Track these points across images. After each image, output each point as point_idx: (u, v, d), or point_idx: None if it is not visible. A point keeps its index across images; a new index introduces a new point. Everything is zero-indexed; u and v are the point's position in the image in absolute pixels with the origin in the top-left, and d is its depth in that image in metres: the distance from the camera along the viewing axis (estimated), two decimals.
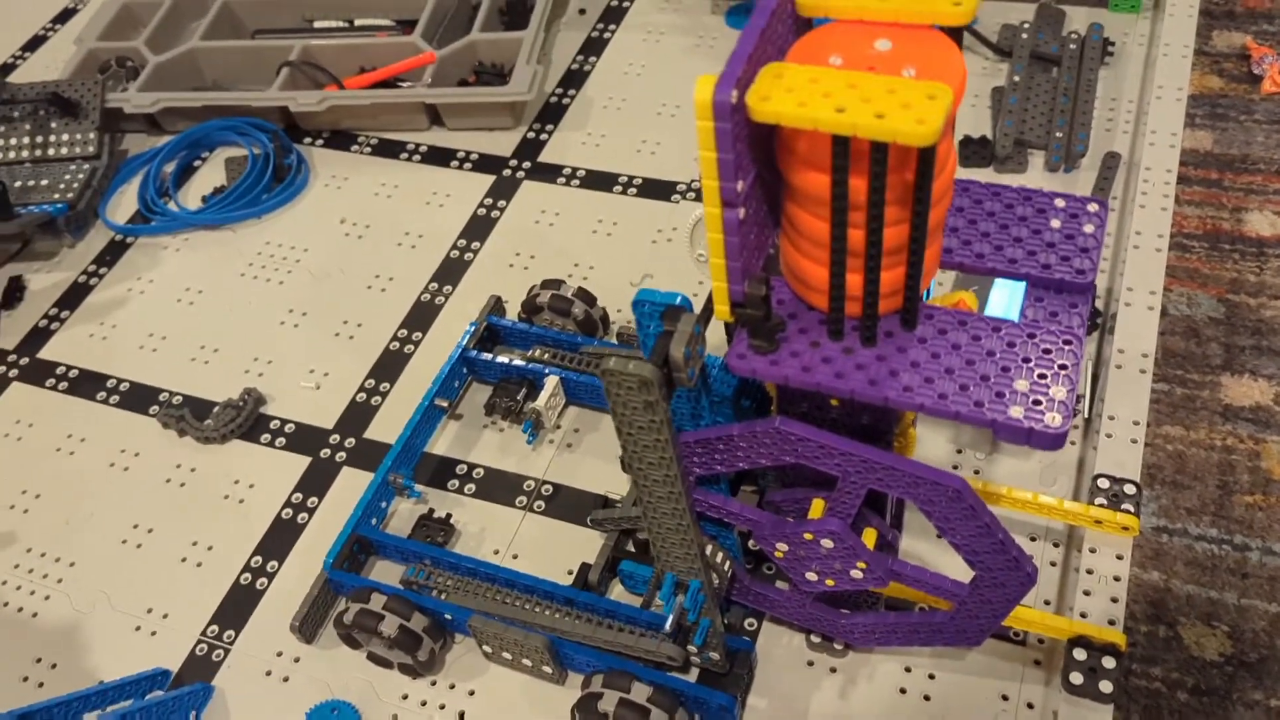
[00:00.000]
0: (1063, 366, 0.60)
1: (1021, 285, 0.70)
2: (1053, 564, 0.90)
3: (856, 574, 0.73)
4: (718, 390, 0.73)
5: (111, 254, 1.31)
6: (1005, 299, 0.96)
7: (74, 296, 1.27)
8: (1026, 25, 1.31)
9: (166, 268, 1.28)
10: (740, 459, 0.70)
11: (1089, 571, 0.83)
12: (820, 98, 0.51)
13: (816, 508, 0.73)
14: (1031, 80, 1.27)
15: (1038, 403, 0.58)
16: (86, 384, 1.17)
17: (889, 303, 0.62)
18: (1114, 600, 0.81)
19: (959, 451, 0.98)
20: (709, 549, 0.77)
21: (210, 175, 1.38)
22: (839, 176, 0.53)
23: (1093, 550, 0.84)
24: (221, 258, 1.28)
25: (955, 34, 0.57)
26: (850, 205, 0.55)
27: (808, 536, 0.72)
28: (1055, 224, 0.67)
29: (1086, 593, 0.82)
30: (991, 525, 0.66)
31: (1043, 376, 0.59)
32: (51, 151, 1.34)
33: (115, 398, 1.15)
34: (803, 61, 0.55)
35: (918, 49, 0.54)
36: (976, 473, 0.96)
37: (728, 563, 0.79)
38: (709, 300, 0.66)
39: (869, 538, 0.74)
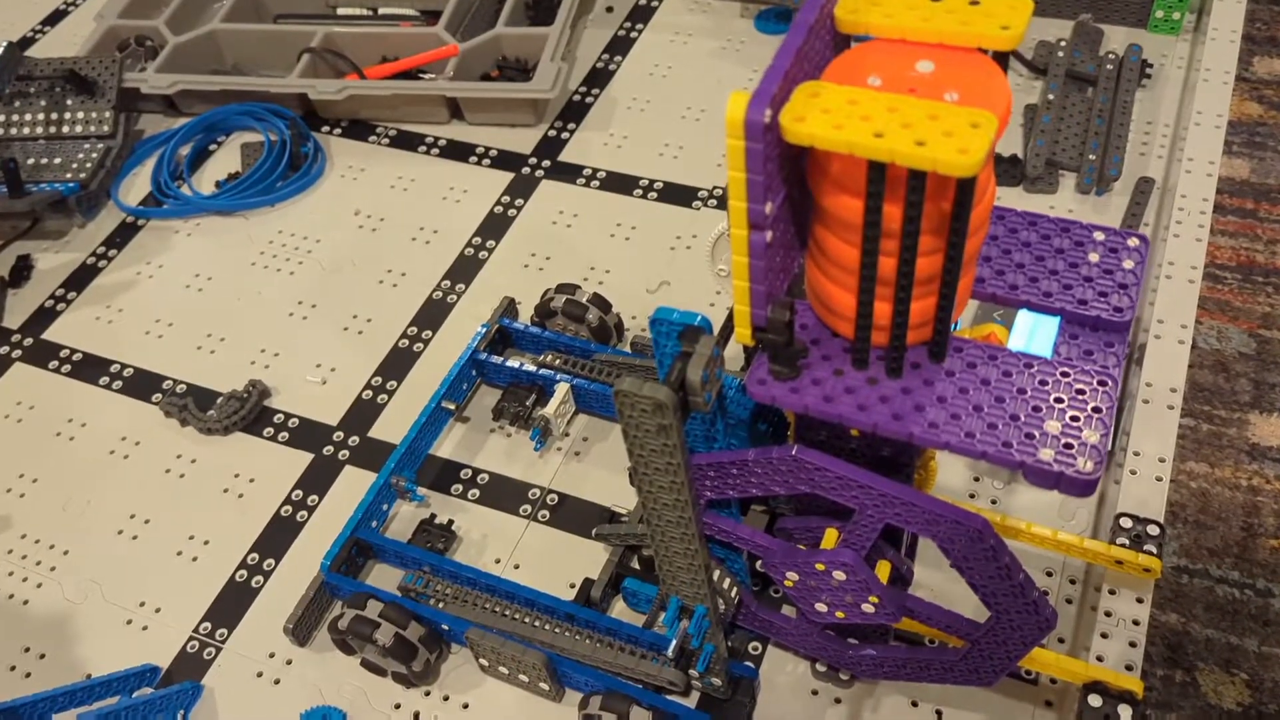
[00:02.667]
0: (1096, 409, 0.57)
1: (1048, 319, 0.68)
2: (1069, 601, 0.87)
3: (868, 608, 0.71)
4: (734, 413, 0.71)
5: (122, 236, 1.29)
6: (1028, 330, 0.93)
7: (82, 278, 1.25)
8: (1063, 43, 1.28)
9: (176, 252, 1.26)
10: (754, 485, 0.67)
11: (1107, 614, 0.80)
12: (858, 121, 0.49)
13: (830, 538, 0.71)
14: (1066, 99, 1.24)
15: (1069, 446, 0.56)
16: (90, 368, 1.15)
17: (917, 333, 0.59)
18: (1132, 645, 0.78)
19: (976, 480, 0.95)
20: (716, 574, 0.75)
21: (225, 160, 1.36)
22: (873, 203, 0.51)
23: (1112, 591, 0.81)
24: (232, 245, 1.26)
25: (1001, 59, 0.54)
26: (883, 233, 0.53)
27: (819, 567, 0.69)
28: (1094, 258, 0.64)
29: (1104, 635, 0.79)
30: (1012, 568, 0.63)
31: (1075, 418, 0.57)
32: (66, 129, 1.32)
33: (118, 383, 1.13)
34: (840, 80, 0.52)
35: (961, 72, 0.52)
36: (994, 503, 0.94)
37: (735, 589, 0.77)
38: (728, 319, 0.63)
39: (882, 571, 0.72)
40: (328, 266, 1.22)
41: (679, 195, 1.24)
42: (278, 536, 0.99)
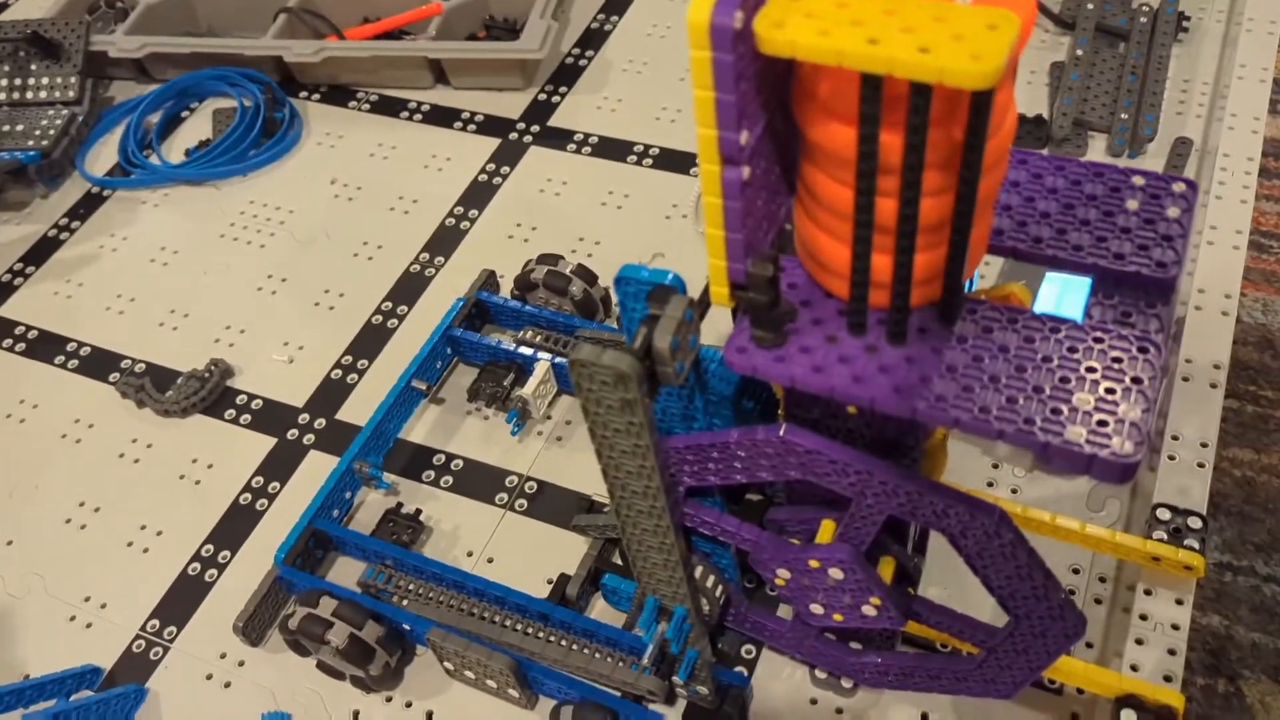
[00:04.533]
0: (1136, 380, 0.48)
1: (1078, 281, 0.59)
2: (1098, 601, 0.79)
3: (869, 610, 0.63)
4: (716, 388, 0.63)
5: (86, 207, 1.21)
6: (1056, 295, 0.84)
7: (42, 251, 1.18)
8: None
9: (142, 224, 1.19)
10: (738, 471, 0.59)
11: (1143, 617, 0.71)
12: (848, 25, 0.40)
13: (826, 530, 0.62)
14: (1096, 56, 1.14)
15: (1103, 424, 0.47)
16: (45, 346, 1.08)
17: (923, 292, 0.51)
18: (1171, 653, 0.70)
19: (995, 467, 0.86)
20: (699, 571, 0.66)
21: (198, 128, 1.28)
22: (868, 130, 0.42)
23: (1148, 592, 0.72)
24: (201, 216, 1.18)
25: None
26: (881, 168, 0.44)
27: (813, 564, 0.61)
28: (1132, 205, 0.55)
29: (1139, 641, 0.70)
30: (1033, 566, 0.55)
31: (1111, 391, 0.48)
32: (30, 95, 1.25)
33: (74, 362, 1.06)
34: None
35: None
36: (1014, 492, 0.85)
37: (720, 586, 0.68)
38: (707, 285, 0.55)
39: (885, 569, 0.63)
40: (300, 238, 1.14)
41: (676, 162, 1.16)
42: (235, 526, 0.91)
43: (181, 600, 0.87)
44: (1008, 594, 0.57)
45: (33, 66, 1.26)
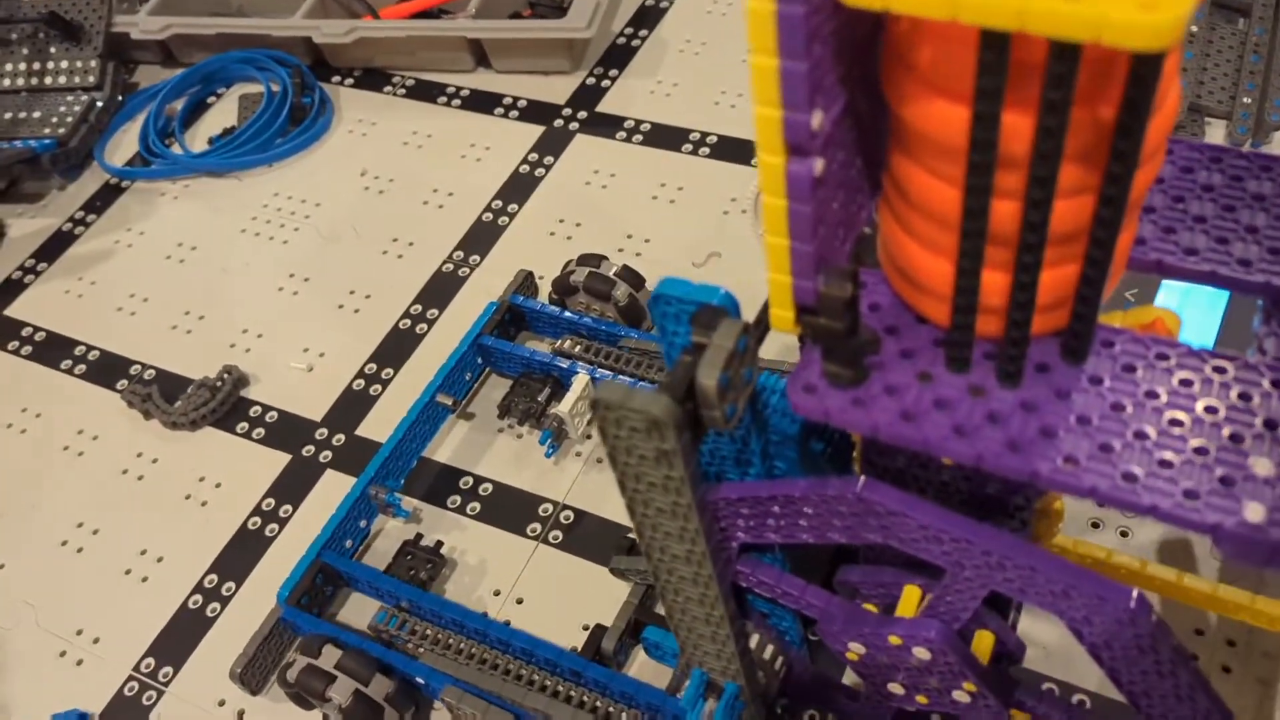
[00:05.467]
0: None
1: (1214, 293, 0.47)
2: (1226, 670, 0.66)
3: (961, 696, 0.52)
4: (777, 425, 0.52)
5: (103, 199, 1.14)
6: (1176, 302, 0.72)
7: (55, 246, 1.10)
8: None
9: (161, 218, 1.11)
10: (804, 530, 0.48)
11: None
12: None
13: (909, 598, 0.51)
14: (1212, 33, 1.01)
15: None
16: (52, 349, 1.01)
17: (1046, 319, 0.40)
18: None
19: (1101, 505, 0.74)
20: (754, 640, 0.56)
21: (223, 115, 1.21)
22: (987, 109, 0.31)
23: None
24: (222, 209, 1.10)
25: None
26: (1001, 160, 0.33)
27: (895, 641, 0.50)
28: None
29: None
30: (1177, 664, 0.43)
31: None
32: (49, 80, 1.18)
33: (81, 367, 0.98)
34: None
35: None
36: (1124, 535, 0.73)
37: (779, 658, 0.58)
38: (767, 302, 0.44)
39: (981, 645, 0.52)
40: (326, 234, 1.06)
41: (737, 151, 1.04)
42: (242, 554, 0.83)
43: (180, 637, 0.79)
44: (1140, 691, 0.46)
45: (51, 49, 1.19)
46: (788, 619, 0.61)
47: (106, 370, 0.98)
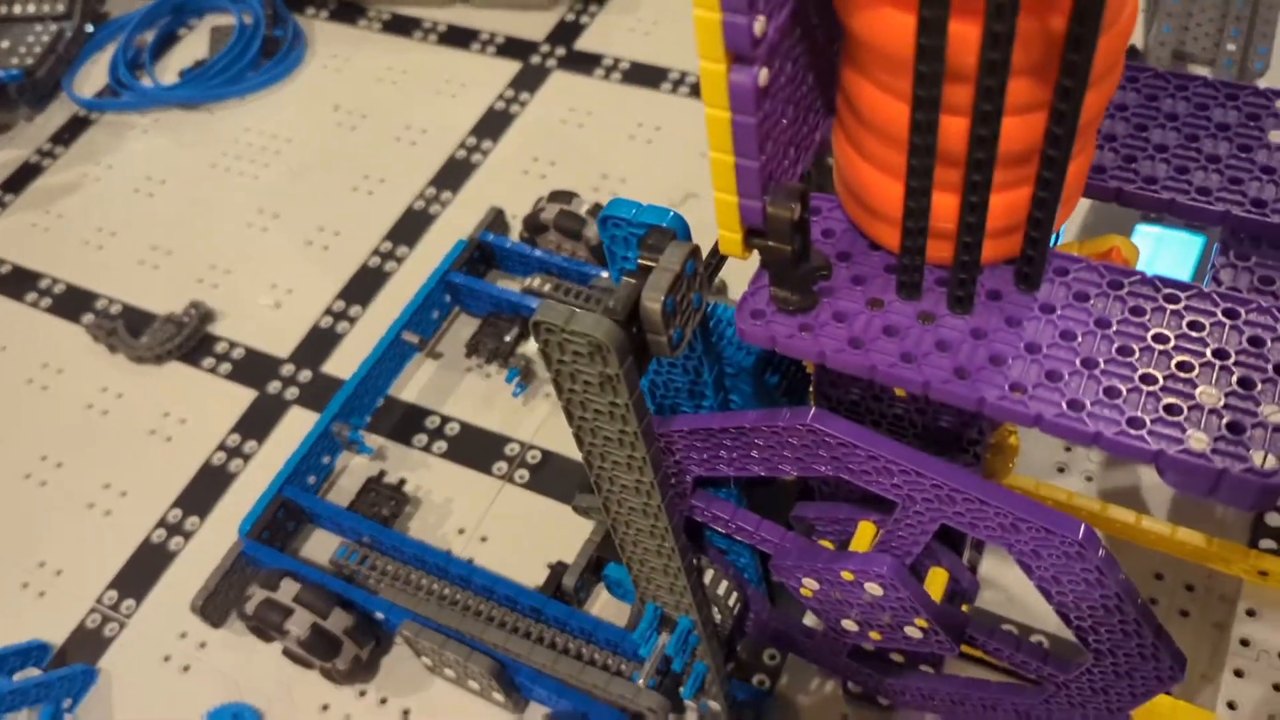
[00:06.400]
0: None
1: (1189, 239, 0.46)
2: (1183, 614, 0.67)
3: (913, 632, 0.51)
4: (732, 357, 0.51)
5: (71, 131, 1.12)
6: (1148, 257, 0.71)
7: (22, 178, 1.09)
8: None
9: (130, 151, 1.09)
10: (755, 461, 0.48)
11: (1244, 643, 0.59)
12: None
13: (863, 535, 0.51)
14: None
15: (1236, 427, 0.35)
16: (17, 282, 0.99)
17: (998, 245, 0.39)
18: (1277, 689, 0.58)
19: (1066, 449, 0.74)
20: (709, 576, 0.56)
21: (194, 47, 1.18)
22: (932, 12, 0.30)
23: (1251, 613, 0.60)
24: (193, 143, 1.08)
25: None
26: (949, 72, 0.32)
27: (847, 576, 0.50)
28: (1276, 138, 0.42)
29: (1239, 674, 0.58)
30: (1124, 599, 0.43)
31: (1247, 384, 0.36)
32: (17, 9, 1.15)
33: (47, 300, 0.97)
34: None
35: None
36: (1089, 480, 0.73)
37: (735, 593, 0.57)
38: None
39: (935, 583, 0.52)
40: (296, 169, 1.04)
41: None
42: (206, 489, 0.82)
43: (142, 571, 0.79)
44: (1088, 627, 0.46)
45: None
46: (745, 556, 0.60)
47: (72, 304, 0.96)
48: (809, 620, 0.66)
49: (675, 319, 0.39)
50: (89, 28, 1.18)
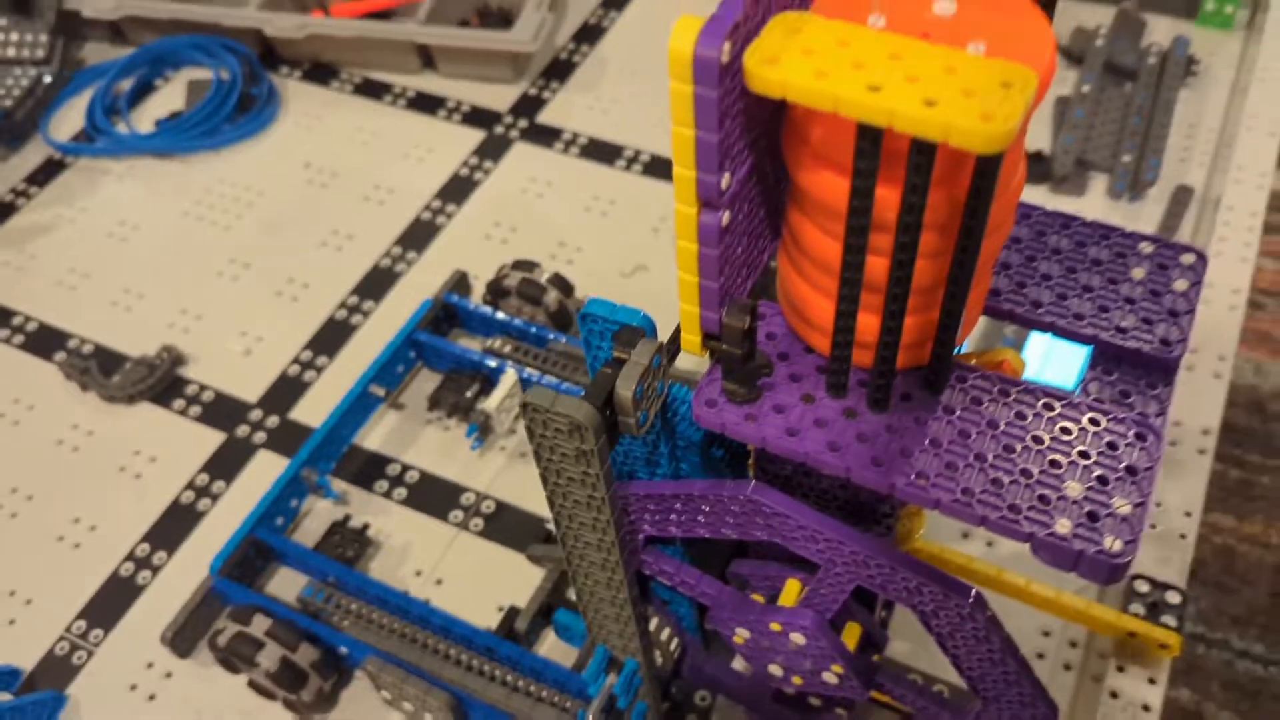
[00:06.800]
0: (1131, 470, 0.45)
1: (1074, 349, 0.55)
2: (1067, 668, 0.75)
3: (830, 678, 0.59)
4: (683, 432, 0.59)
5: (46, 174, 1.16)
6: (1043, 355, 0.81)
7: None
8: (1103, 31, 1.15)
9: (103, 196, 1.14)
10: (701, 525, 0.55)
11: (1114, 695, 0.68)
12: (849, 69, 0.36)
13: (790, 591, 0.58)
14: (1102, 94, 1.11)
15: (1093, 517, 0.43)
16: None
17: (911, 355, 0.47)
18: None
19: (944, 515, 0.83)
20: (653, 623, 0.63)
21: (170, 98, 1.23)
22: (862, 183, 0.38)
23: (1121, 669, 0.69)
24: (166, 191, 1.13)
25: (1047, 5, 0.41)
26: (874, 224, 0.40)
27: (775, 627, 0.57)
28: (1138, 274, 0.52)
29: None
30: (1005, 653, 0.51)
31: (1104, 481, 0.44)
32: None
33: (19, 338, 1.01)
34: (832, 12, 0.39)
35: (992, 17, 0.39)
36: (990, 545, 0.81)
37: (675, 640, 0.64)
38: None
39: (850, 635, 0.60)
40: (267, 222, 1.09)
41: (668, 170, 1.11)
42: (174, 526, 0.87)
43: (111, 602, 0.83)
44: (977, 676, 0.54)
45: (2, 21, 1.20)
46: (685, 606, 0.68)
47: (44, 342, 1.00)
48: (738, 665, 0.73)
49: (642, 403, 0.47)
50: (66, 74, 1.23)
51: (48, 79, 1.19)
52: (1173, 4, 1.20)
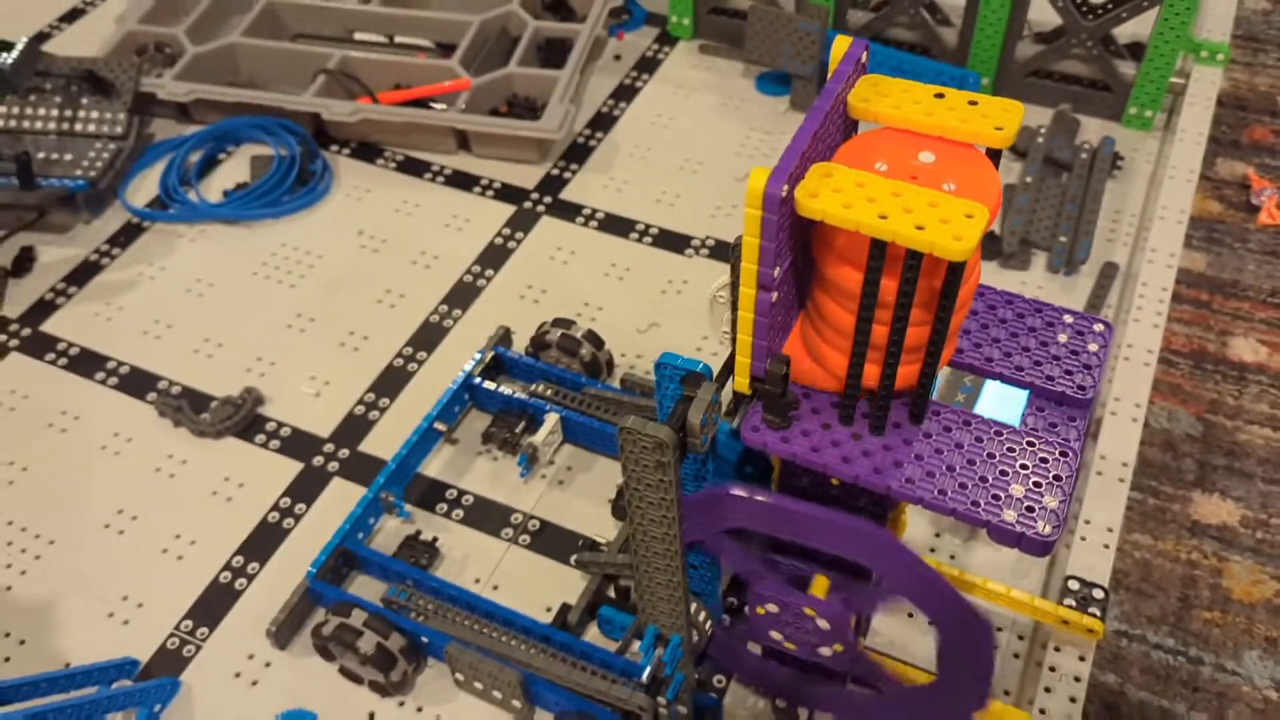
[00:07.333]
0: (1057, 477, 0.63)
1: (1018, 391, 0.73)
2: (1016, 655, 0.93)
3: (826, 651, 0.75)
4: (723, 454, 0.76)
5: (126, 236, 1.32)
6: (998, 399, 0.99)
7: (84, 274, 1.27)
8: (1043, 130, 1.36)
9: (179, 256, 1.29)
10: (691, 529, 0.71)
11: (1051, 669, 0.85)
12: (865, 202, 0.54)
13: (819, 586, 0.74)
14: (1042, 183, 1.31)
15: (1030, 509, 0.61)
16: (86, 362, 1.18)
17: (900, 394, 0.65)
18: (1072, 700, 0.84)
19: (937, 535, 1.01)
20: (693, 606, 0.79)
21: (233, 170, 1.40)
22: (872, 276, 0.56)
23: (1057, 649, 0.86)
24: (235, 253, 1.29)
25: (994, 155, 0.60)
26: (879, 303, 0.58)
27: (808, 611, 0.73)
28: (1062, 338, 0.70)
29: (1047, 689, 0.84)
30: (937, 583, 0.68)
31: (1038, 485, 0.62)
32: (79, 127, 1.35)
33: (114, 379, 1.16)
34: (850, 162, 0.58)
35: (959, 165, 0.58)
36: (953, 558, 0.99)
37: (709, 621, 0.81)
38: (724, 367, 0.68)
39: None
40: (328, 282, 1.26)
41: (672, 242, 1.30)
42: (263, 541, 1.02)
43: (213, 604, 0.97)
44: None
45: (84, 100, 1.36)
46: (714, 599, 0.84)
47: (137, 383, 1.15)
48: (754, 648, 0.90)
49: (705, 428, 0.64)
50: (140, 147, 1.39)
51: (125, 152, 1.35)
52: (1102, 108, 1.42)
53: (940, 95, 0.60)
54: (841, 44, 0.62)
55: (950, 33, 1.44)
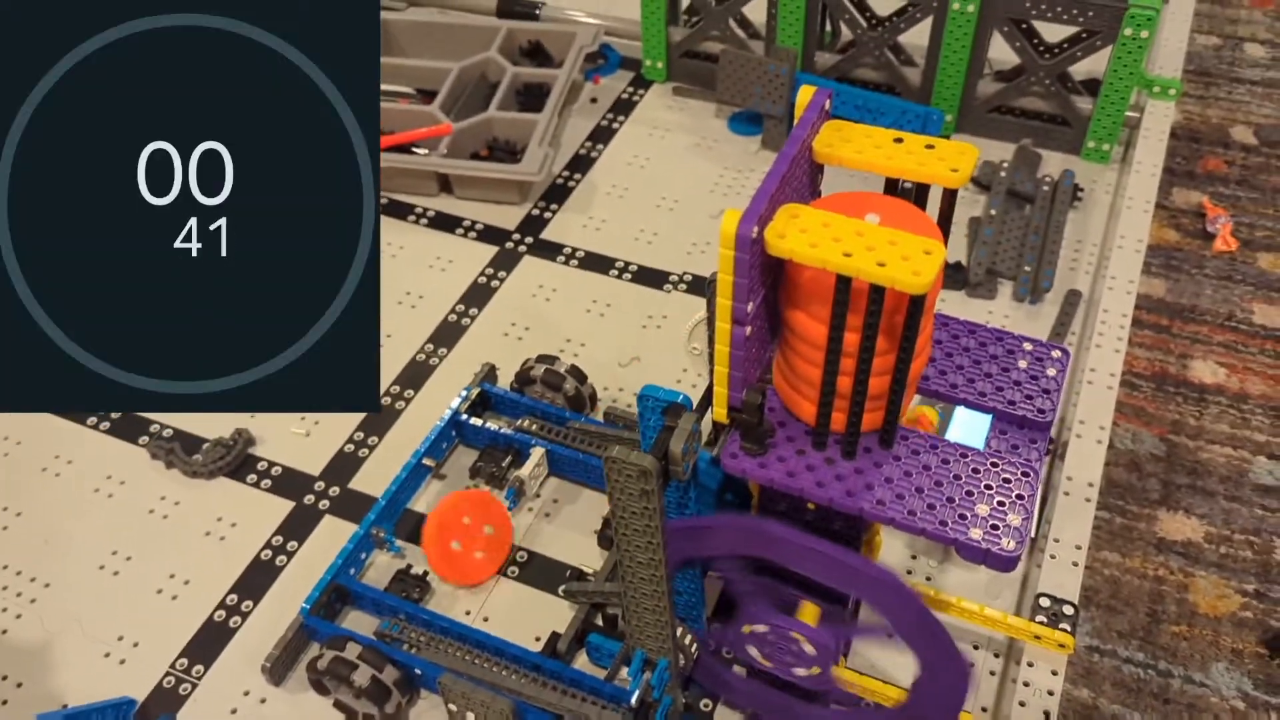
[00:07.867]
0: (1020, 496, 0.66)
1: (982, 415, 0.77)
2: (992, 673, 0.96)
3: (801, 671, 0.78)
4: (704, 482, 0.79)
5: None
6: (966, 424, 1.03)
7: None
8: (1005, 164, 1.41)
9: None
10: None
11: (1025, 684, 0.88)
12: (830, 241, 0.58)
13: (808, 612, 0.78)
14: (1006, 215, 1.36)
15: (995, 527, 0.65)
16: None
17: (870, 419, 0.68)
18: (1046, 714, 0.87)
19: (914, 558, 1.04)
20: (679, 630, 0.82)
21: None
22: (838, 310, 0.60)
23: (1030, 664, 0.90)
24: None
25: (950, 195, 0.64)
26: (843, 352, 0.62)
27: (796, 635, 0.76)
28: (1022, 365, 0.74)
29: (1022, 704, 0.87)
30: (925, 617, 0.71)
31: (1002, 504, 0.66)
32: None
33: (106, 424, 1.18)
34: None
35: (903, 222, 0.62)
36: (929, 579, 1.02)
37: (695, 645, 0.84)
38: (704, 398, 0.72)
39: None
40: None
41: (651, 278, 1.33)
42: (256, 579, 1.04)
43: (208, 642, 0.99)
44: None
45: None
46: (699, 623, 0.87)
47: (129, 428, 1.18)
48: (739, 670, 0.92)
49: (687, 456, 0.67)
50: None
51: None
52: (1061, 142, 1.47)
53: (899, 140, 0.64)
54: (806, 92, 0.66)
55: (914, 72, 1.50)
